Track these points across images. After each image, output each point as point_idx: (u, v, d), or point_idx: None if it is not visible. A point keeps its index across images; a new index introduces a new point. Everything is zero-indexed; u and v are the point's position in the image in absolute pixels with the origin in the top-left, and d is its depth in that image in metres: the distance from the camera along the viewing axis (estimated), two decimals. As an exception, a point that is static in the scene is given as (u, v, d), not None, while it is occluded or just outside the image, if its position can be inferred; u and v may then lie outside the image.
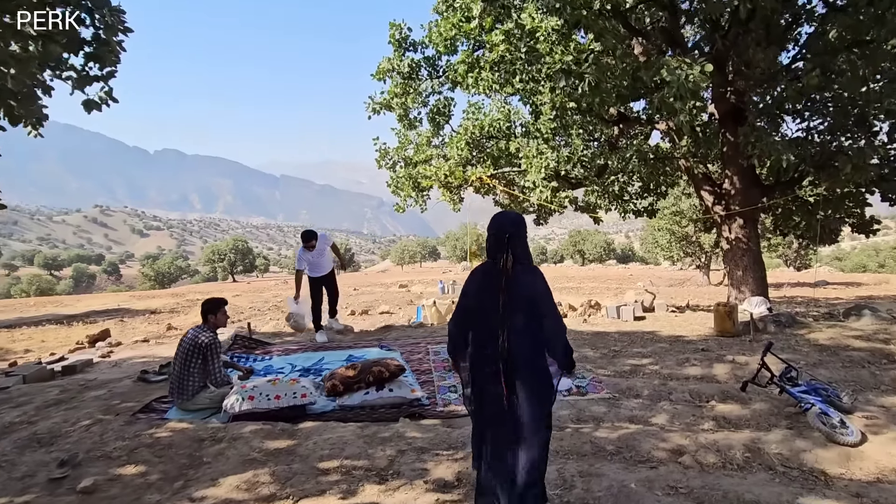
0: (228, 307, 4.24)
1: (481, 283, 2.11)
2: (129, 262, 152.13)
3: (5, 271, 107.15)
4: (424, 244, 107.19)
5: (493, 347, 2.00)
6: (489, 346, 2.02)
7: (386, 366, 3.86)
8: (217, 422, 3.41)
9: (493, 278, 2.05)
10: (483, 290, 2.08)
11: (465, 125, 9.26)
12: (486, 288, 2.07)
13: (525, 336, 2.01)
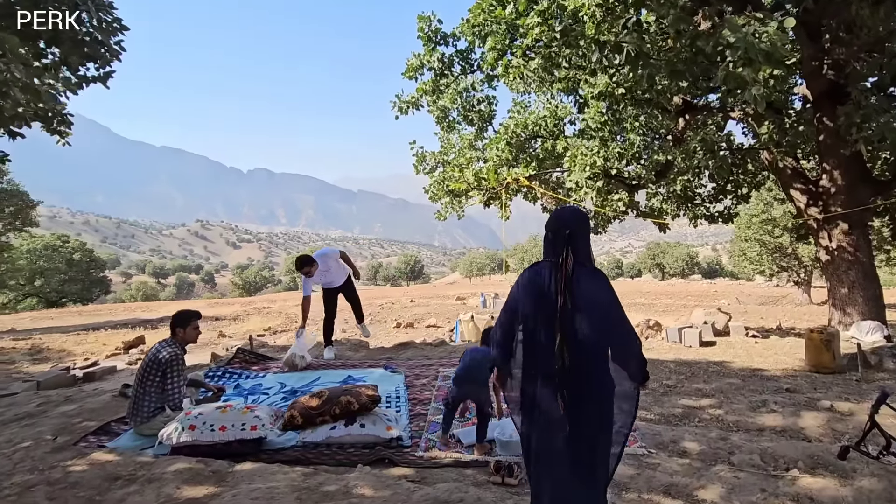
0: (202, 321, 3.82)
1: (535, 286, 1.89)
2: (223, 272, 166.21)
3: (122, 278, 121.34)
4: (494, 256, 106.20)
5: (548, 360, 1.80)
6: (543, 358, 1.83)
7: (357, 395, 3.19)
8: (150, 454, 2.93)
9: (551, 280, 1.85)
10: (537, 294, 1.87)
11: (506, 124, 8.49)
12: (540, 291, 1.87)
13: (588, 347, 1.80)
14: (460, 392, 3.15)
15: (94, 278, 45.71)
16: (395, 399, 4.06)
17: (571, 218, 1.94)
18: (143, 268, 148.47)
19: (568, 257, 1.85)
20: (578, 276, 1.83)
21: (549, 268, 1.88)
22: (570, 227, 1.89)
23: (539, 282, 1.89)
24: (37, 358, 8.84)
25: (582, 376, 1.79)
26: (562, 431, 1.79)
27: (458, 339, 8.38)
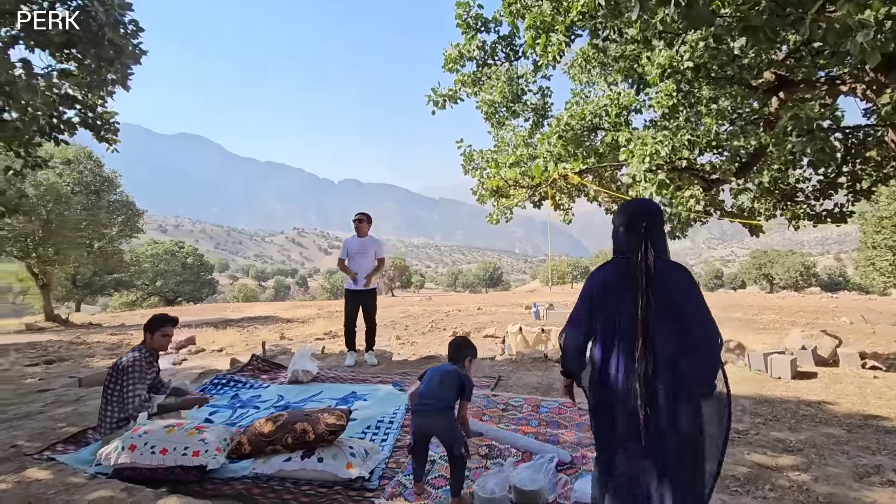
0: (174, 327, 3.57)
1: (611, 284, 1.78)
2: (315, 276, 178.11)
3: (230, 280, 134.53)
4: (576, 264, 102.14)
5: (627, 364, 1.69)
6: (622, 362, 1.71)
7: (315, 423, 2.69)
8: (90, 472, 2.66)
9: (628, 277, 1.73)
10: (615, 293, 1.76)
11: (560, 115, 7.65)
12: (618, 289, 1.76)
13: (674, 349, 1.67)
14: (418, 427, 2.50)
15: (204, 280, 51.02)
16: (387, 424, 3.52)
17: (645, 210, 1.81)
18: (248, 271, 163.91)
19: (648, 252, 1.71)
20: (660, 270, 1.70)
21: (625, 265, 1.74)
22: (645, 219, 1.76)
23: (615, 281, 1.75)
24: (115, 353, 9.58)
25: (667, 381, 1.64)
26: (643, 443, 1.65)
27: (507, 352, 7.67)
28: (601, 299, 1.79)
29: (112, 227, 18.90)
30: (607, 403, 1.76)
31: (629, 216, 1.82)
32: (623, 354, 1.70)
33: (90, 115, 5.82)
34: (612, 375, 1.73)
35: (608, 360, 1.74)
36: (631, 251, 1.76)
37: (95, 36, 4.19)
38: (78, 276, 34.27)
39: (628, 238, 1.79)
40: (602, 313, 1.78)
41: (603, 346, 1.77)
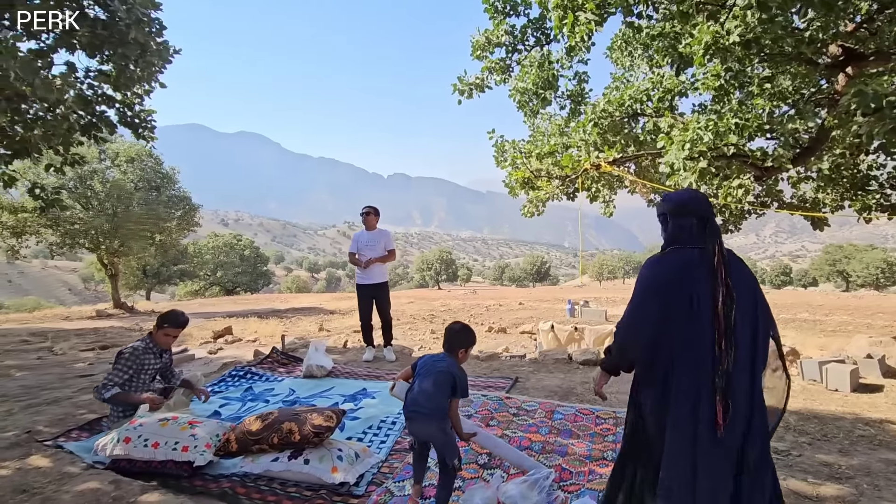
0: (180, 331, 3.54)
1: (684, 276, 1.65)
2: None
3: (285, 272, 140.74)
4: (628, 259, 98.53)
5: (704, 366, 1.59)
6: (698, 363, 1.60)
7: (301, 423, 2.61)
8: (87, 461, 2.71)
9: (702, 270, 1.64)
10: (689, 285, 1.64)
11: (596, 102, 7.21)
12: (692, 282, 1.64)
13: (751, 351, 1.61)
14: (415, 433, 2.33)
15: (260, 271, 53.65)
16: (389, 425, 3.40)
17: (704, 200, 1.75)
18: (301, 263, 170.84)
19: (721, 243, 1.66)
20: (734, 263, 1.66)
21: (698, 256, 1.66)
22: (707, 210, 1.71)
23: (688, 273, 1.63)
24: (165, 340, 10.12)
25: (744, 383, 1.59)
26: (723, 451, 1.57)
27: (539, 350, 7.38)
28: (671, 292, 1.66)
29: (171, 221, 20.05)
30: (678, 408, 1.64)
31: (693, 204, 1.74)
32: (701, 349, 1.60)
33: (128, 113, 6.06)
34: (687, 372, 1.63)
35: (681, 358, 1.63)
36: (702, 242, 1.68)
37: (121, 35, 4.31)
38: (147, 267, 36.90)
39: (692, 228, 1.70)
40: (673, 307, 1.65)
41: (677, 343, 1.65)
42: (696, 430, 1.60)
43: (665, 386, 1.68)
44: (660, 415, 1.70)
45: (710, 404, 1.58)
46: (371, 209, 5.53)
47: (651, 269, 1.75)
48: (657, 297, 1.69)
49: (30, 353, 7.68)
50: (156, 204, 19.19)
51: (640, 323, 1.73)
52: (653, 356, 1.71)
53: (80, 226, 17.07)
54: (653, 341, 1.70)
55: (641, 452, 1.83)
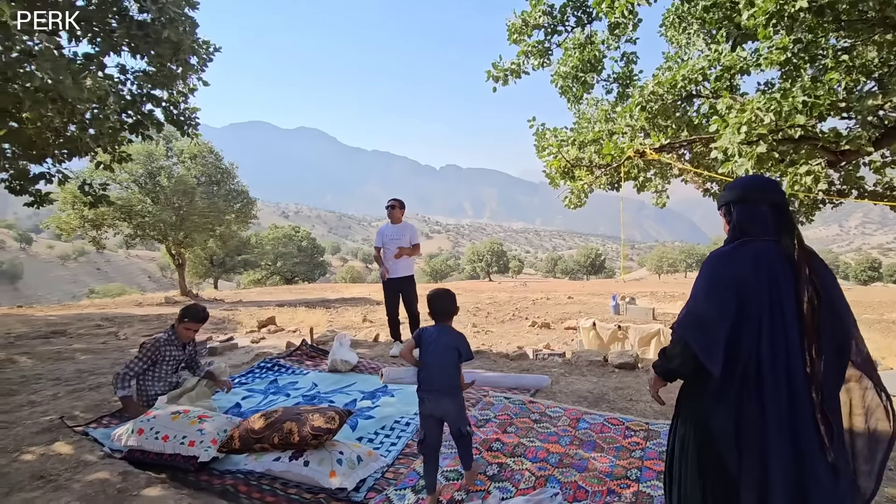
0: (201, 325, 3.62)
1: (758, 271, 1.45)
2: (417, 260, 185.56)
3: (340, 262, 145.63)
4: (690, 251, 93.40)
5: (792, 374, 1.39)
6: (788, 365, 1.39)
7: (302, 424, 2.54)
8: (106, 450, 2.80)
9: (782, 265, 1.46)
10: (764, 282, 1.44)
11: (645, 84, 6.69)
12: (767, 278, 1.44)
13: (837, 360, 1.43)
14: (430, 413, 2.34)
15: (316, 262, 55.85)
16: (403, 426, 3.29)
17: (776, 186, 1.57)
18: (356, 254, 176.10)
19: (800, 235, 1.50)
20: (814, 260, 1.49)
21: (774, 250, 1.48)
22: (781, 198, 1.55)
23: (763, 267, 1.45)
24: (218, 328, 10.66)
25: (833, 395, 1.43)
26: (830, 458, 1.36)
27: (579, 349, 7.04)
28: (747, 288, 1.45)
29: (230, 213, 21.15)
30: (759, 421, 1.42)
31: (769, 191, 1.55)
32: (791, 356, 1.41)
33: (174, 111, 6.31)
34: (777, 382, 1.42)
35: (767, 363, 1.42)
36: (768, 233, 1.51)
37: (156, 34, 4.44)
38: (214, 257, 39.35)
39: (767, 218, 1.52)
40: (752, 305, 1.44)
41: (759, 347, 1.44)
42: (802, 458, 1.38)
43: (748, 401, 1.43)
44: (743, 435, 1.44)
45: (810, 422, 1.37)
46: (396, 202, 5.44)
47: (720, 262, 1.53)
48: (732, 294, 1.46)
49: (98, 338, 8.30)
50: (216, 198, 20.29)
51: (713, 319, 1.47)
52: (728, 363, 1.46)
53: (149, 219, 18.36)
54: (728, 345, 1.45)
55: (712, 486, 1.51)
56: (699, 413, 1.54)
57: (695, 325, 1.51)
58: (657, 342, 6.43)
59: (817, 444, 1.37)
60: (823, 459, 1.37)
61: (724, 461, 1.45)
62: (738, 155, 4.43)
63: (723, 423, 1.46)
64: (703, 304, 1.52)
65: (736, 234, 1.58)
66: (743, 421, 1.43)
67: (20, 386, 4.22)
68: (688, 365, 1.53)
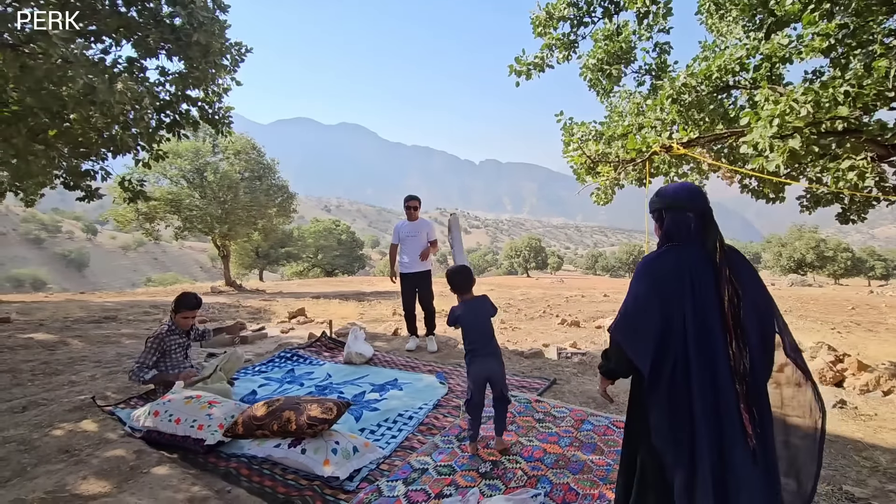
0: (197, 312, 3.80)
1: (682, 274, 1.56)
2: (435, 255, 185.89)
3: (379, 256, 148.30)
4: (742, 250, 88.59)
5: (719, 375, 1.49)
6: (712, 361, 1.49)
7: (299, 413, 2.64)
8: (126, 430, 3.01)
9: (705, 267, 1.57)
10: (688, 283, 1.55)
11: (677, 75, 6.41)
12: (691, 280, 1.55)
13: (762, 354, 1.54)
14: (488, 374, 2.72)
15: (355, 255, 57.11)
16: (406, 420, 3.35)
17: (702, 195, 1.66)
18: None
19: (722, 239, 1.59)
20: (736, 261, 1.59)
21: (698, 253, 1.58)
22: (706, 206, 1.63)
23: (687, 270, 1.54)
24: (255, 318, 11.15)
25: (761, 394, 1.51)
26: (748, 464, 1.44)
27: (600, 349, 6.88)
28: (673, 289, 1.56)
29: (271, 207, 21.96)
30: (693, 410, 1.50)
31: (688, 198, 1.65)
32: (715, 351, 1.49)
33: (209, 111, 6.62)
34: (701, 377, 1.50)
35: (693, 358, 1.51)
36: (701, 239, 1.61)
37: (187, 37, 4.67)
38: (259, 249, 41.02)
39: (700, 226, 1.62)
40: (677, 305, 1.54)
41: (685, 344, 1.52)
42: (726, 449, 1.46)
43: (677, 396, 1.52)
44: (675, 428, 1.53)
45: (735, 414, 1.45)
46: (416, 202, 5.53)
47: (649, 265, 1.64)
48: (658, 294, 1.58)
49: (144, 324, 8.85)
50: (258, 192, 21.10)
51: (641, 321, 1.59)
52: (658, 362, 1.56)
53: (196, 212, 19.34)
54: (658, 343, 1.56)
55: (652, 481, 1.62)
56: (639, 408, 1.66)
57: (626, 328, 1.63)
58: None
59: (740, 433, 1.45)
60: (745, 447, 1.45)
61: (661, 454, 1.54)
62: (770, 150, 4.18)
63: (657, 418, 1.55)
64: (632, 307, 1.63)
65: (665, 240, 1.68)
66: (675, 415, 1.51)
67: (65, 367, 4.59)
68: (623, 365, 1.66)
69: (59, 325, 8.11)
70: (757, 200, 6.82)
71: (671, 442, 1.51)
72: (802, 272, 48.42)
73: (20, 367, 4.58)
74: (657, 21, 6.88)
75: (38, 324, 8.35)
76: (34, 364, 4.71)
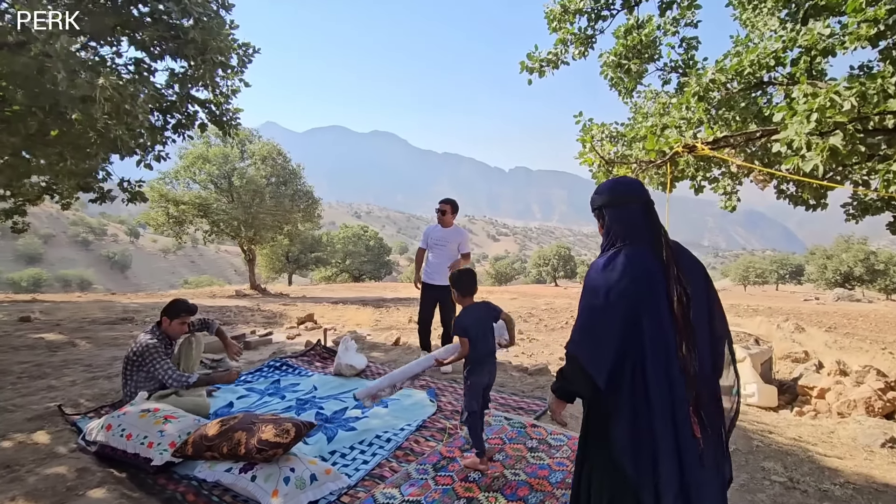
0: (192, 318, 3.61)
1: (637, 277, 1.47)
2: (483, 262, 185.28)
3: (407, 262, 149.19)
4: (783, 262, 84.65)
5: (670, 376, 1.41)
6: (665, 374, 1.42)
7: (251, 435, 2.36)
8: (79, 444, 2.80)
9: (654, 268, 1.48)
10: (644, 288, 1.46)
11: (703, 71, 5.94)
12: (648, 284, 1.46)
13: (709, 351, 1.50)
14: (490, 382, 2.73)
15: (382, 261, 57.46)
16: (383, 442, 3.03)
17: (640, 185, 1.61)
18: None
19: (666, 233, 1.55)
20: (684, 257, 1.56)
21: (648, 254, 1.51)
22: (647, 195, 1.60)
23: (642, 272, 1.48)
24: (269, 322, 11.09)
25: (711, 395, 1.49)
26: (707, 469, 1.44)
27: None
28: (630, 296, 1.46)
29: (296, 213, 22.17)
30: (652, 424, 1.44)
31: (629, 191, 1.59)
32: (665, 356, 1.44)
33: (216, 111, 6.55)
34: (657, 383, 1.44)
35: (647, 368, 1.44)
36: (648, 235, 1.53)
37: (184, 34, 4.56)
38: (290, 254, 41.71)
39: (643, 219, 1.55)
40: (636, 312, 1.45)
41: (643, 353, 1.45)
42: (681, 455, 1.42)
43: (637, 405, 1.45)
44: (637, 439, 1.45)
45: (687, 416, 1.42)
46: (448, 206, 4.91)
47: (599, 275, 1.51)
48: (614, 303, 1.46)
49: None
50: (283, 197, 21.34)
51: (602, 335, 1.47)
52: (617, 373, 1.46)
53: (223, 216, 19.70)
54: (619, 354, 1.46)
55: None
56: (601, 426, 1.52)
57: (586, 343, 1.51)
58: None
59: (691, 436, 1.42)
60: (696, 449, 1.42)
61: (624, 469, 1.44)
62: (807, 148, 3.69)
63: (619, 433, 1.45)
64: (589, 321, 1.51)
65: (611, 240, 1.58)
66: (636, 425, 1.43)
67: (54, 370, 4.51)
68: (584, 383, 1.51)
69: (75, 326, 8.20)
70: (795, 207, 6.23)
71: (633, 456, 1.43)
72: (850, 286, 45.52)
73: (11, 368, 4.53)
74: (683, 14, 6.42)
75: (55, 323, 8.48)
76: (27, 366, 4.65)
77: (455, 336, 2.70)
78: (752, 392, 5.23)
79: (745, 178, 7.52)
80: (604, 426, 1.49)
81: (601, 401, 1.50)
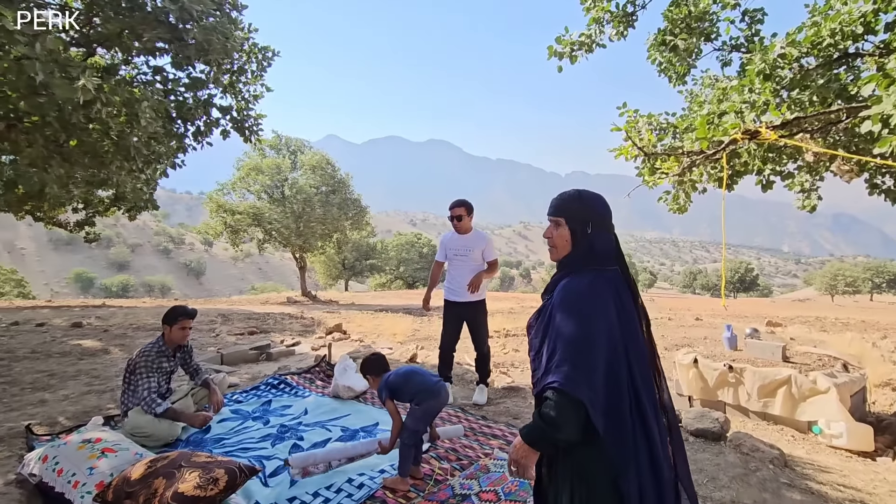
0: (191, 320, 3.36)
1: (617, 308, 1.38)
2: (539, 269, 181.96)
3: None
4: (879, 269, 75.94)
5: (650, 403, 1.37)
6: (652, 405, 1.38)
7: (170, 484, 1.96)
8: (22, 474, 2.54)
9: (626, 295, 1.45)
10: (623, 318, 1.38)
11: (770, 45, 5.03)
12: (625, 313, 1.40)
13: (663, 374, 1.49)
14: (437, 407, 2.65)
15: (435, 268, 57.76)
16: (354, 489, 2.54)
17: None
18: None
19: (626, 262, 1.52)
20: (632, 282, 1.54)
21: (620, 279, 1.46)
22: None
23: (621, 300, 1.40)
24: (305, 330, 11.03)
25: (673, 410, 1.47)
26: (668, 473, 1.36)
27: (676, 391, 5.53)
28: (617, 325, 1.36)
29: (345, 221, 22.48)
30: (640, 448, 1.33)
31: (602, 209, 1.53)
32: (649, 385, 1.40)
33: (237, 117, 6.45)
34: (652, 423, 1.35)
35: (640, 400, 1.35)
36: (616, 261, 1.49)
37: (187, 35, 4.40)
38: (346, 261, 42.80)
39: (618, 242, 1.51)
40: (622, 342, 1.35)
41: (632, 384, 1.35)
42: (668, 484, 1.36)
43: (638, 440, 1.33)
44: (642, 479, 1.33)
45: (668, 454, 1.39)
46: (463, 208, 4.11)
47: (587, 303, 1.37)
48: (612, 332, 1.34)
49: (195, 333, 8.99)
50: (332, 206, 21.70)
51: (598, 368, 1.31)
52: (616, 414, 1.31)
53: (275, 225, 20.30)
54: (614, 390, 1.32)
55: None
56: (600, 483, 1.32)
57: (582, 379, 1.31)
58: (786, 393, 4.67)
59: (671, 464, 1.38)
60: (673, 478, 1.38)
61: None
62: (908, 125, 2.81)
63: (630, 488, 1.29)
64: (579, 352, 1.34)
65: (587, 260, 1.46)
66: (639, 462, 1.32)
67: (59, 381, 4.45)
68: (577, 427, 1.32)
69: (119, 332, 8.47)
70: (894, 205, 5.10)
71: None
72: (966, 297, 39.61)
73: (23, 378, 4.52)
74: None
75: (104, 329, 8.81)
76: (40, 376, 4.64)
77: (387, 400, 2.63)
78: (840, 433, 4.23)
79: (827, 172, 6.38)
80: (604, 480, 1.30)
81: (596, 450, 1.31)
